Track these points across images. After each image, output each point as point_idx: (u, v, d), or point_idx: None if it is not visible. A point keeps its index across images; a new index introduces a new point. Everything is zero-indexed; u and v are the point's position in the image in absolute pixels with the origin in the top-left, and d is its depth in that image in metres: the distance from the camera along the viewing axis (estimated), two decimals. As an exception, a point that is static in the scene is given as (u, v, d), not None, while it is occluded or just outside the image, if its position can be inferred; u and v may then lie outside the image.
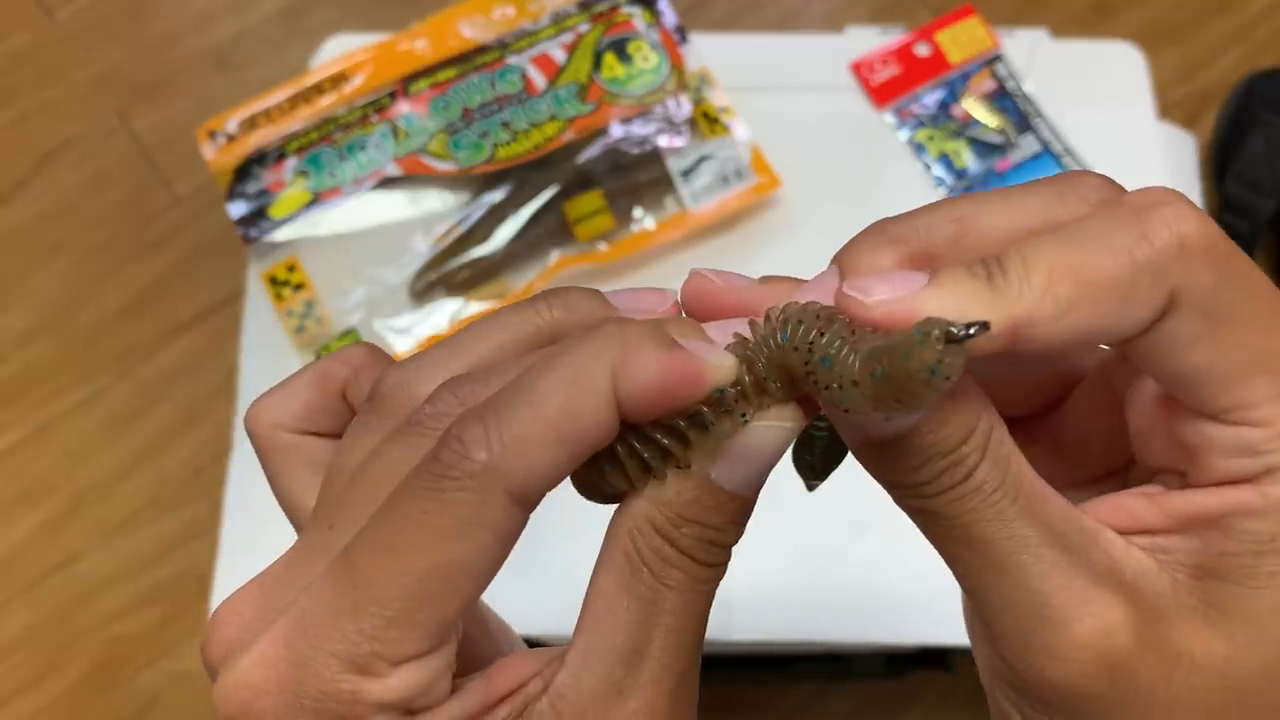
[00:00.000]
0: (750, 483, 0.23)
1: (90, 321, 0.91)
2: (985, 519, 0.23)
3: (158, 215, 0.94)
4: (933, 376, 0.20)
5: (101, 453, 0.88)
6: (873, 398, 0.21)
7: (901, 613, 0.59)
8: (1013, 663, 0.23)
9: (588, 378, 0.21)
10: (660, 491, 0.23)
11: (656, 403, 0.22)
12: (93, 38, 1.00)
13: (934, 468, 0.22)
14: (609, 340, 0.22)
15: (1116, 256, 0.21)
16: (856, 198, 0.67)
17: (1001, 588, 0.23)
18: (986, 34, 0.71)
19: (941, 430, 0.22)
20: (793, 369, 0.22)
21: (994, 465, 0.23)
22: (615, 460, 0.23)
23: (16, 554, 0.86)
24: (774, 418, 0.23)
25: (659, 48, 0.68)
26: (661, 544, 0.23)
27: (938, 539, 0.24)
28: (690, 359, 0.22)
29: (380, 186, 0.67)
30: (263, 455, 0.27)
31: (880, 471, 0.23)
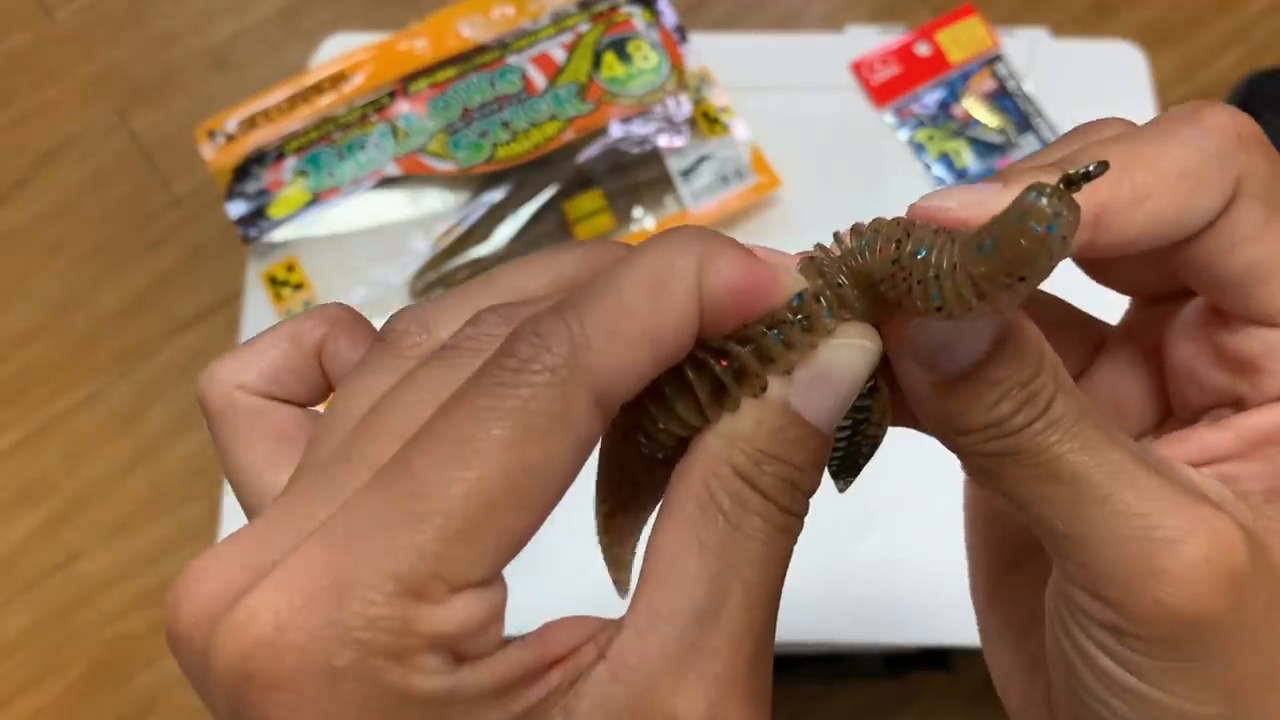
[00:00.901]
0: (831, 414, 0.21)
1: (89, 321, 0.91)
2: (1074, 449, 0.21)
3: (157, 215, 0.94)
4: (1051, 234, 0.18)
5: (101, 453, 0.88)
6: (981, 277, 0.19)
7: (902, 613, 0.59)
8: (1120, 598, 0.21)
9: (676, 271, 0.19)
10: (737, 423, 0.21)
11: (739, 306, 0.20)
12: (92, 37, 1.00)
13: (1013, 402, 0.21)
14: (692, 238, 0.20)
15: (1185, 145, 0.21)
16: (856, 198, 0.67)
17: (1102, 518, 0.21)
18: (987, 33, 0.71)
19: (1015, 360, 0.21)
20: (876, 274, 0.21)
21: (1070, 395, 0.21)
22: (683, 385, 0.21)
23: (16, 554, 0.86)
24: (855, 335, 0.21)
25: (659, 47, 0.68)
26: (741, 486, 0.20)
27: (1022, 482, 0.22)
28: (768, 265, 0.21)
29: (380, 186, 0.67)
30: (216, 422, 0.23)
31: (951, 418, 0.22)
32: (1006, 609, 0.28)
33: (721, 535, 0.20)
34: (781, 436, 0.21)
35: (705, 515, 0.20)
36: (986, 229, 0.19)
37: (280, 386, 0.23)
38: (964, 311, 0.19)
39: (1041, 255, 0.18)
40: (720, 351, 0.21)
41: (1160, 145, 0.21)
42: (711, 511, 0.20)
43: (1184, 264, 0.23)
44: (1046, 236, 0.18)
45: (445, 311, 0.21)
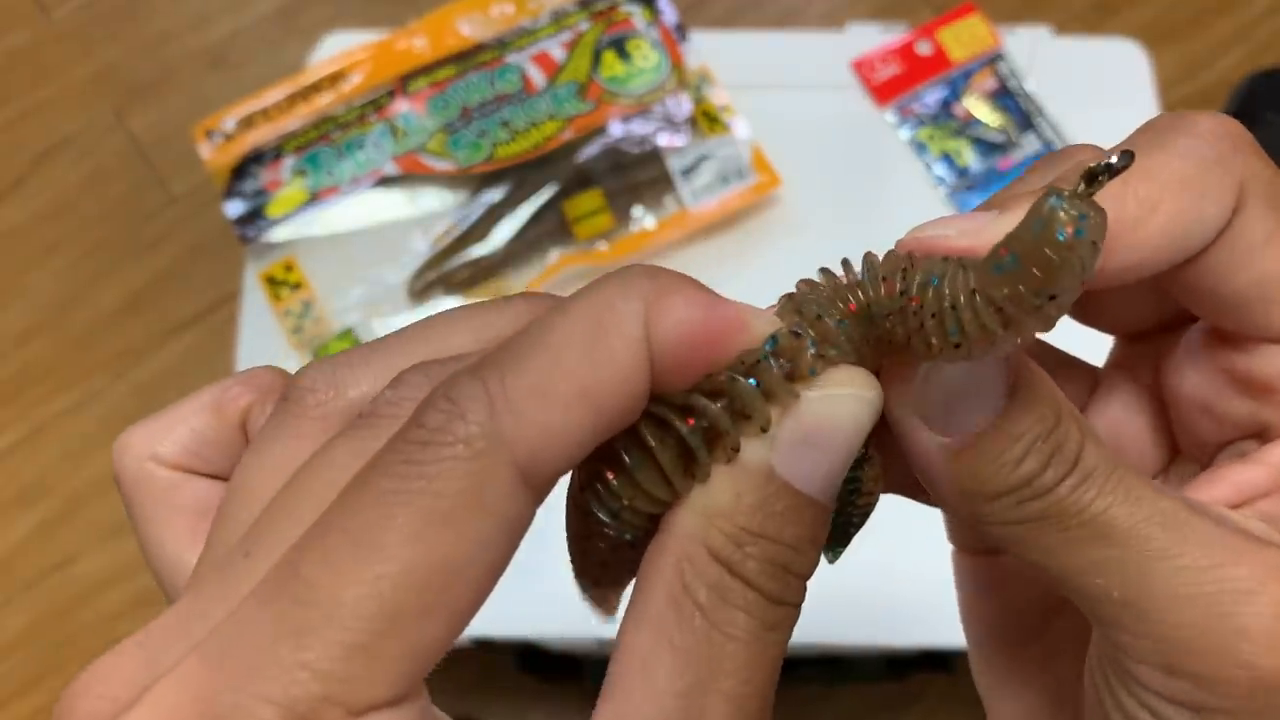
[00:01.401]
0: (825, 479, 0.18)
1: (87, 321, 0.91)
2: (1118, 501, 0.18)
3: (154, 214, 0.93)
4: (1079, 239, 0.16)
5: (99, 453, 0.87)
6: (1006, 300, 0.16)
7: (903, 615, 0.59)
8: (1200, 668, 0.18)
9: (617, 316, 0.16)
10: (711, 496, 0.17)
11: (699, 352, 0.17)
12: (90, 36, 1.00)
13: (1039, 456, 0.18)
14: (638, 277, 0.17)
15: (1182, 155, 0.19)
16: (857, 197, 0.67)
17: (1164, 578, 0.18)
18: (988, 32, 0.71)
19: (1034, 409, 0.18)
20: (880, 310, 0.18)
21: (1097, 443, 0.19)
22: (644, 450, 0.17)
23: (14, 555, 0.85)
24: (847, 383, 0.18)
25: (659, 46, 0.68)
26: (720, 574, 0.17)
27: (1061, 549, 0.19)
28: (733, 305, 0.18)
29: (378, 186, 0.66)
30: (129, 495, 0.20)
31: (970, 484, 0.19)
32: (1020, 693, 0.25)
33: (698, 636, 0.17)
34: (767, 510, 0.17)
35: (678, 612, 0.17)
36: (1004, 245, 0.17)
37: (199, 459, 0.21)
38: (987, 346, 0.17)
39: (1072, 265, 0.16)
40: (685, 408, 0.18)
41: (1157, 156, 0.20)
42: (685, 607, 0.17)
43: (1188, 286, 0.21)
44: (1075, 242, 0.16)
45: (357, 368, 0.19)
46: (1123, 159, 0.16)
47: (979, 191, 0.67)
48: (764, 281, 0.63)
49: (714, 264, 0.65)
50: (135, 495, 0.20)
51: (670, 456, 0.17)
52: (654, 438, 0.17)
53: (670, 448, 0.17)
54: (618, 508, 0.18)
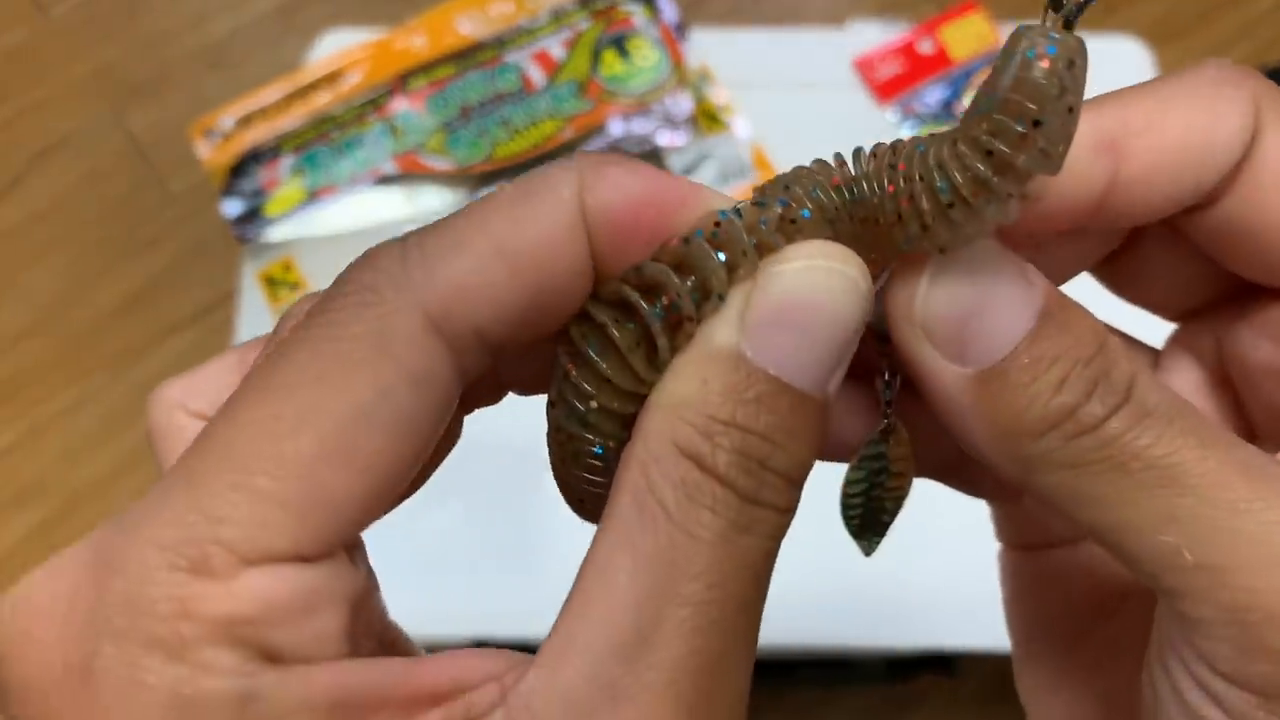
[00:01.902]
0: (805, 365, 0.16)
1: (84, 321, 0.90)
2: (1190, 444, 0.16)
3: (153, 214, 0.93)
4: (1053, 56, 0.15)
5: (98, 453, 0.87)
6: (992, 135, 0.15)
7: (905, 617, 0.59)
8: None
9: (548, 181, 0.16)
10: (678, 386, 0.16)
11: (645, 224, 0.16)
12: (87, 35, 0.99)
13: (1082, 382, 0.16)
14: (579, 156, 0.16)
15: (1187, 79, 0.18)
16: (859, 196, 0.67)
17: (1249, 534, 0.15)
18: (990, 30, 0.71)
19: (1068, 332, 0.16)
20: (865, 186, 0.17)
21: (1156, 383, 0.17)
22: (601, 334, 0.16)
23: (12, 556, 0.85)
24: (824, 254, 0.16)
25: (659, 44, 0.68)
26: (688, 469, 0.15)
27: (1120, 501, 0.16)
28: (684, 182, 0.16)
29: (377, 185, 0.66)
30: (158, 441, 0.20)
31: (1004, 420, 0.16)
32: (1067, 699, 0.23)
33: (661, 539, 0.15)
34: (737, 396, 0.15)
35: (641, 513, 0.15)
36: (981, 89, 0.16)
37: None
38: (985, 199, 0.16)
39: (1050, 84, 0.15)
40: (641, 285, 0.16)
41: (1159, 83, 0.18)
42: (649, 507, 0.15)
43: (1225, 230, 0.19)
44: (1048, 59, 0.15)
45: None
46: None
47: (981, 190, 0.67)
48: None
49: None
50: (162, 441, 0.20)
51: (630, 340, 0.16)
52: (609, 318, 0.16)
53: (629, 331, 0.16)
54: (584, 410, 0.17)
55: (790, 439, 0.16)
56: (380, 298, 0.15)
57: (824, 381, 0.16)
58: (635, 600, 0.15)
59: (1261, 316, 0.20)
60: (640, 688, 0.15)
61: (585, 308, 0.17)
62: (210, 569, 0.13)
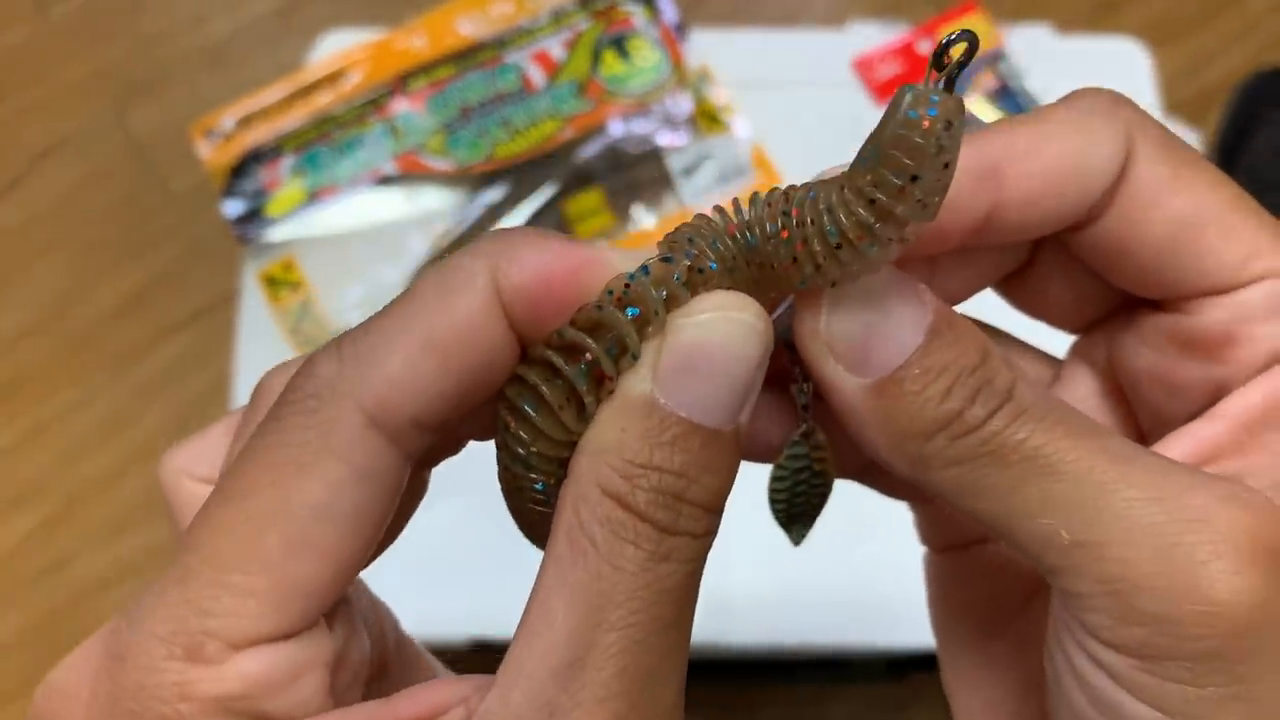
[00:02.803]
0: (714, 405, 0.17)
1: (84, 321, 0.91)
2: (1060, 435, 0.18)
3: (153, 214, 0.93)
4: (932, 116, 0.16)
5: (96, 454, 0.87)
6: (871, 187, 0.17)
7: (904, 616, 0.59)
8: (1156, 608, 0.17)
9: (462, 270, 0.17)
10: (600, 434, 0.18)
11: (560, 294, 0.17)
12: (87, 35, 1.00)
13: (966, 389, 0.18)
14: (488, 238, 0.18)
15: (1066, 107, 0.20)
16: (858, 196, 0.67)
17: (1116, 511, 0.17)
18: (989, 31, 0.71)
19: (955, 345, 0.18)
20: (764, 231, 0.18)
21: (1032, 385, 0.19)
22: (533, 393, 0.18)
23: (10, 556, 0.85)
24: (724, 305, 0.18)
25: (659, 45, 0.68)
26: (611, 509, 0.17)
27: (1005, 490, 0.18)
28: (588, 247, 0.18)
29: (378, 185, 0.66)
30: (169, 506, 0.22)
31: (897, 425, 0.18)
32: (986, 688, 0.25)
33: (591, 572, 0.17)
34: (653, 440, 0.17)
35: (573, 550, 0.17)
36: (866, 141, 0.17)
37: None
38: (868, 242, 0.17)
39: (928, 144, 0.16)
40: (563, 346, 0.18)
41: (1039, 112, 0.20)
42: (580, 544, 0.17)
43: (1104, 247, 0.20)
44: (926, 119, 0.16)
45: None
46: (960, 35, 0.17)
47: (980, 191, 0.67)
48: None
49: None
50: (171, 507, 0.22)
51: (559, 397, 0.18)
52: (539, 379, 0.18)
53: (558, 389, 0.18)
54: (526, 454, 0.18)
55: (704, 472, 0.18)
56: (321, 404, 0.17)
57: (733, 416, 0.18)
58: (569, 629, 0.17)
59: (1140, 326, 0.22)
60: (574, 705, 0.17)
61: (516, 370, 0.18)
62: (203, 655, 0.16)
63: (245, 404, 0.22)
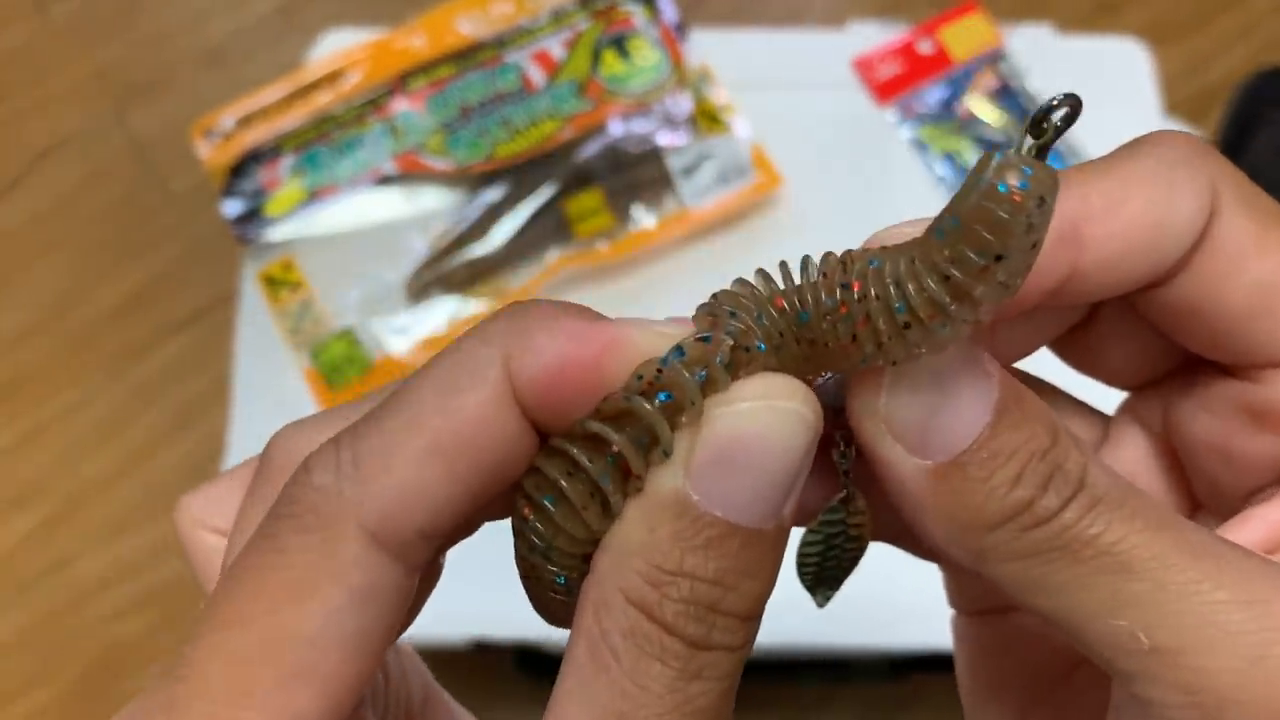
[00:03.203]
0: (754, 504, 0.16)
1: (84, 321, 0.90)
2: (1138, 528, 0.16)
3: (152, 214, 0.93)
4: (1024, 191, 0.14)
5: (95, 454, 0.87)
6: (950, 263, 0.15)
7: (906, 617, 0.58)
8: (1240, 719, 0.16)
9: (471, 363, 0.16)
10: (626, 534, 0.16)
11: (572, 387, 0.16)
12: (87, 35, 0.99)
13: (1037, 476, 0.16)
14: (498, 320, 0.16)
15: (1145, 156, 0.18)
16: (858, 196, 0.67)
17: (1202, 616, 0.16)
18: (990, 31, 0.71)
19: (1025, 425, 0.16)
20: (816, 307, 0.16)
21: (1105, 469, 0.17)
22: (553, 488, 0.16)
23: (9, 557, 0.85)
24: (768, 392, 0.16)
25: (659, 44, 0.68)
26: (636, 619, 0.15)
27: (1074, 588, 0.16)
28: (610, 327, 0.16)
29: (377, 185, 0.66)
30: (187, 554, 0.21)
31: (961, 513, 0.17)
32: None
33: (614, 689, 0.15)
34: (685, 543, 0.15)
35: (595, 662, 0.16)
36: (945, 210, 0.15)
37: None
38: (940, 323, 0.15)
39: (1017, 220, 0.15)
40: (587, 438, 0.16)
41: (1117, 161, 0.18)
42: (601, 657, 0.15)
43: (1179, 309, 0.19)
44: (1019, 194, 0.14)
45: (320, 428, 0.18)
46: (1064, 100, 0.15)
47: (981, 191, 0.67)
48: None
49: (714, 264, 0.65)
50: (189, 555, 0.20)
51: (582, 495, 0.16)
52: (560, 474, 0.16)
53: (581, 485, 0.16)
54: (545, 548, 0.17)
55: (743, 578, 0.16)
56: (320, 520, 0.15)
57: (775, 513, 0.16)
58: None
59: (1203, 390, 0.20)
60: None
61: (535, 461, 0.16)
62: None
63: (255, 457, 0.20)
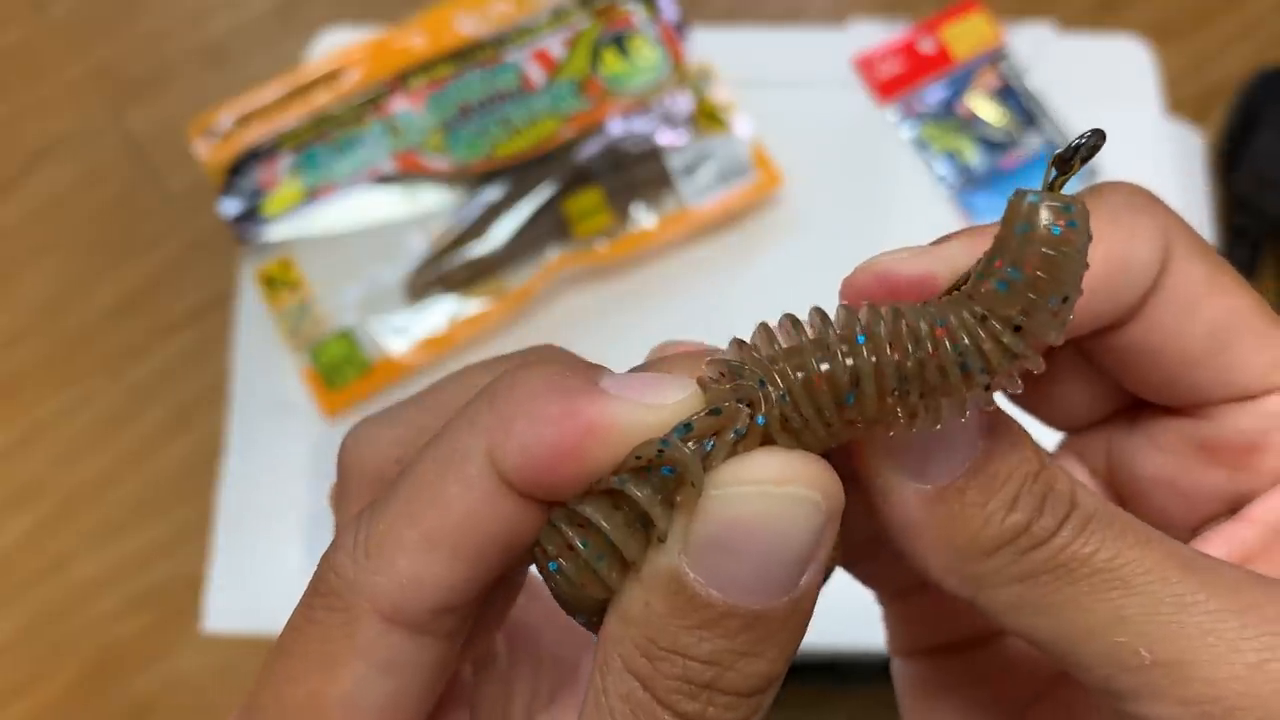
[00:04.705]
0: (760, 584, 0.15)
1: (81, 321, 0.90)
2: (1130, 545, 0.16)
3: (150, 213, 0.93)
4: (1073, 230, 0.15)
5: (93, 455, 0.87)
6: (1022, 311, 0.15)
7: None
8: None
9: (457, 455, 0.16)
10: (626, 597, 0.16)
11: (557, 474, 0.16)
12: (84, 33, 0.99)
13: (1032, 498, 0.16)
14: (483, 404, 0.16)
15: (1107, 201, 0.19)
16: (859, 195, 0.66)
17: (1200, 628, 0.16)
18: (991, 29, 0.70)
19: (1016, 449, 0.17)
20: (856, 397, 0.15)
21: (1087, 490, 0.17)
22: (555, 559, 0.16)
23: (7, 557, 0.85)
24: (777, 474, 0.15)
25: (659, 43, 0.67)
26: (634, 686, 0.15)
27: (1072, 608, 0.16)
28: (592, 408, 0.15)
29: (376, 184, 0.66)
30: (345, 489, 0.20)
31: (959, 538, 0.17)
32: None
33: None
34: (679, 623, 0.15)
35: (598, 714, 0.16)
36: (995, 259, 0.15)
37: None
38: (1014, 374, 0.15)
39: (1073, 258, 0.15)
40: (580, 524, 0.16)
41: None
42: (602, 713, 0.16)
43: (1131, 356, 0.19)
44: (1070, 234, 0.15)
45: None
46: (1092, 136, 0.15)
47: (982, 190, 0.67)
48: (764, 281, 0.63)
49: (714, 263, 0.64)
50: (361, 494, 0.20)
51: (581, 569, 0.16)
52: (559, 549, 0.16)
53: (577, 561, 0.16)
54: (565, 597, 0.17)
55: (741, 658, 0.15)
56: (343, 603, 0.17)
57: (784, 592, 0.15)
58: None
59: (1150, 429, 0.20)
60: None
61: (540, 535, 0.17)
62: None
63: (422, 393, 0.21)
